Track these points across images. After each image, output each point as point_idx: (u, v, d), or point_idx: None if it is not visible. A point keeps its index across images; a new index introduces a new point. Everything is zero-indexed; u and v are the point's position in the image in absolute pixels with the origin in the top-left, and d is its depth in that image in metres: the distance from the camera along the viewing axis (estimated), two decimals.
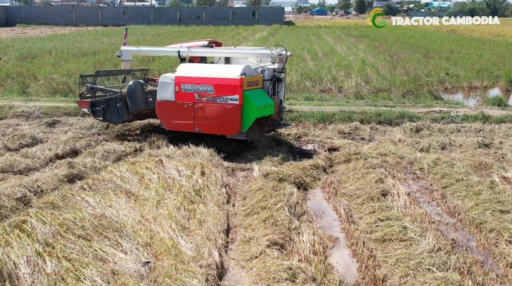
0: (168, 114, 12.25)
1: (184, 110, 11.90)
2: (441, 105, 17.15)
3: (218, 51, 13.42)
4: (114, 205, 8.57)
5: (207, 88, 11.61)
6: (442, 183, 10.11)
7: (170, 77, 12.13)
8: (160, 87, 12.24)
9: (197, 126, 11.94)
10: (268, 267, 6.62)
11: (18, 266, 6.43)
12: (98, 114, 13.15)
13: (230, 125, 11.67)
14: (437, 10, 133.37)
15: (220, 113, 11.59)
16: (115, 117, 13.01)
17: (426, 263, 6.75)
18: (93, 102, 13.07)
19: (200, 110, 11.76)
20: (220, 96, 11.51)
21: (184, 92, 11.85)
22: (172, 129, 12.46)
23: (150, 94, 12.94)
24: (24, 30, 63.35)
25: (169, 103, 12.08)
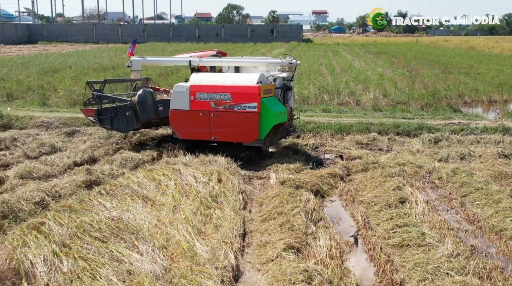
0: (182, 123, 12.26)
1: (199, 119, 11.92)
2: (460, 117, 17.00)
3: (229, 60, 13.54)
4: (131, 209, 8.60)
5: (223, 96, 11.64)
6: (461, 191, 9.99)
7: (184, 87, 12.12)
8: (174, 96, 12.23)
9: (213, 135, 11.99)
10: (284, 270, 6.56)
11: (35, 265, 6.46)
12: (105, 123, 13.10)
13: (248, 132, 11.72)
14: (456, 28, 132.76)
15: (238, 121, 11.64)
16: (123, 125, 12.97)
17: (445, 268, 6.64)
18: (100, 110, 13.03)
19: (217, 119, 11.79)
20: (237, 104, 11.56)
21: (200, 101, 11.86)
22: (186, 138, 12.48)
23: (160, 103, 12.87)
24: (45, 47, 64.39)
25: (184, 112, 12.08)
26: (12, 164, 11.63)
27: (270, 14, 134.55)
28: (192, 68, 13.10)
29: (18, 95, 21.09)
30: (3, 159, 11.90)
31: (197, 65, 13.17)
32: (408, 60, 40.01)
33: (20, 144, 13.43)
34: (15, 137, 14.02)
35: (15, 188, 9.67)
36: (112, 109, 12.94)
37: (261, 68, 12.62)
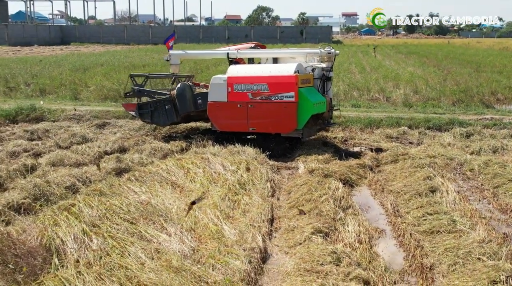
0: (220, 115, 12.25)
1: (237, 110, 11.89)
2: (493, 113, 16.69)
3: (267, 52, 13.51)
4: (160, 194, 8.66)
5: (261, 87, 11.58)
6: (494, 182, 9.79)
7: (222, 78, 12.09)
8: (212, 88, 12.23)
9: (251, 126, 11.94)
10: (312, 252, 6.53)
11: (65, 243, 6.54)
12: (145, 117, 13.25)
13: (286, 123, 11.64)
14: (489, 31, 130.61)
15: (275, 112, 11.57)
16: (163, 119, 13.07)
17: (476, 253, 6.51)
18: (140, 104, 13.20)
19: (254, 110, 11.74)
20: (275, 94, 11.49)
21: (237, 92, 11.82)
22: (225, 130, 12.42)
23: (199, 96, 12.86)
24: (78, 48, 65.46)
25: (221, 104, 12.06)
26: (44, 152, 11.83)
27: (300, 16, 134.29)
28: (230, 60, 13.03)
29: (51, 91, 21.49)
30: (35, 148, 12.12)
31: (235, 58, 13.10)
32: (440, 60, 39.48)
33: (52, 135, 13.67)
34: (48, 129, 14.27)
35: (46, 174, 9.82)
36: (152, 103, 13.07)
37: (299, 59, 12.49)
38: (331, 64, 12.26)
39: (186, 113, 13.03)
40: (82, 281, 5.55)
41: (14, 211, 7.82)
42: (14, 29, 76.17)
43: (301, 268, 6.13)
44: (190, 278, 5.76)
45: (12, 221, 7.44)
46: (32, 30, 78.60)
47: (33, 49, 59.36)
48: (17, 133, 13.79)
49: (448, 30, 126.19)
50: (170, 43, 14.60)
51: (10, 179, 9.59)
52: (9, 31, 72.91)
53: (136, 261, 6.09)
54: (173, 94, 12.86)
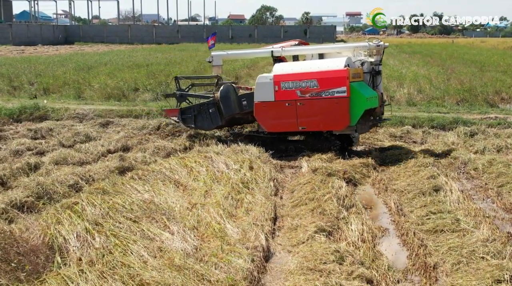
0: (267, 116, 11.76)
1: (285, 109, 11.47)
2: (497, 112, 16.62)
3: (313, 48, 13.15)
4: (163, 193, 8.66)
5: (310, 83, 11.17)
6: (498, 181, 9.75)
7: (268, 77, 11.65)
8: (258, 88, 11.76)
9: (300, 125, 11.52)
10: (315, 250, 6.52)
11: (68, 241, 6.55)
12: (189, 122, 12.82)
13: (338, 119, 11.25)
14: (493, 30, 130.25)
15: (327, 108, 11.17)
16: (207, 123, 12.64)
17: (480, 252, 6.48)
18: (183, 109, 12.78)
19: (304, 107, 11.32)
20: (325, 90, 11.08)
21: (285, 91, 11.40)
22: (273, 130, 12.03)
23: (244, 98, 12.28)
24: (82, 47, 65.53)
25: (268, 104, 11.61)
26: (47, 151, 11.83)
27: (304, 15, 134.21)
28: (274, 59, 12.56)
29: (55, 90, 21.50)
30: (39, 147, 12.13)
31: (279, 56, 12.58)
32: (444, 59, 39.37)
33: (56, 134, 13.68)
34: (51, 127, 14.28)
35: (50, 172, 9.82)
36: (195, 107, 12.70)
37: (346, 53, 12.11)
38: (380, 58, 11.77)
39: (231, 116, 12.54)
40: (85, 279, 5.54)
41: (17, 209, 7.83)
42: (18, 29, 76.27)
43: (304, 267, 6.11)
44: (192, 276, 5.76)
45: (15, 219, 7.44)
46: (36, 30, 78.72)
47: (37, 49, 59.45)
48: (21, 132, 13.80)
49: (452, 30, 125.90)
50: (211, 42, 14.02)
51: (13, 178, 9.60)
52: (13, 31, 73.01)
53: (138, 259, 6.09)
54: (216, 97, 12.42)
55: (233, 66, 30.66)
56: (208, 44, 14.02)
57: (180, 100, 13.11)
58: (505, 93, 21.11)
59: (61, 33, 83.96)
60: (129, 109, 16.32)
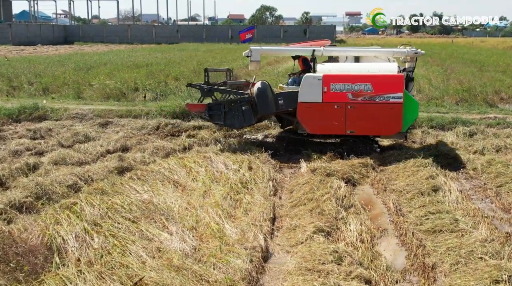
0: (312, 117, 11.39)
1: (333, 111, 11.18)
2: (496, 112, 16.62)
3: (355, 49, 13.02)
4: (162, 193, 8.67)
5: (363, 87, 10.99)
6: (497, 182, 9.77)
7: (316, 77, 11.21)
8: (304, 88, 11.33)
9: (349, 128, 11.33)
10: (314, 251, 6.53)
11: (67, 241, 6.56)
12: (217, 119, 12.09)
13: (391, 125, 11.24)
14: (493, 30, 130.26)
15: (379, 113, 11.07)
16: (238, 121, 11.96)
17: (479, 252, 6.51)
18: (211, 105, 12.02)
19: (354, 111, 11.11)
20: (380, 95, 10.98)
21: (334, 93, 11.09)
22: (317, 132, 11.82)
23: (281, 96, 11.81)
24: (81, 47, 65.51)
25: (315, 105, 11.24)
26: (46, 151, 11.81)
27: (303, 15, 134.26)
28: (311, 58, 11.98)
29: (54, 90, 21.47)
30: (38, 147, 12.10)
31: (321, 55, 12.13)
32: (443, 59, 39.39)
33: (55, 134, 13.66)
34: (50, 128, 14.24)
35: (49, 173, 9.83)
36: (227, 103, 11.97)
37: (383, 58, 12.09)
38: (413, 65, 11.80)
39: (264, 115, 12.25)
40: (83, 280, 5.55)
41: (16, 210, 7.83)
42: (18, 29, 76.26)
43: (302, 267, 6.13)
44: (191, 277, 5.76)
45: (14, 220, 7.45)
46: (36, 30, 78.70)
47: (37, 49, 59.43)
48: (20, 132, 13.77)
49: (452, 30, 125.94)
50: (247, 36, 13.28)
51: (12, 178, 9.60)
52: (13, 31, 72.99)
53: (137, 259, 6.10)
54: (252, 94, 11.92)
55: (232, 66, 30.69)
56: (243, 37, 13.13)
57: (206, 94, 12.25)
58: (504, 93, 21.10)
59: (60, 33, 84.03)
60: (128, 109, 16.29)
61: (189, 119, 15.00)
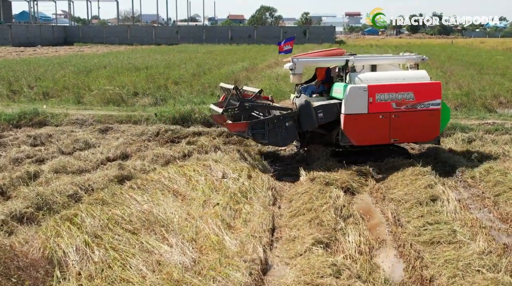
0: (359, 129, 11.21)
1: (378, 121, 11.15)
2: (495, 117, 16.70)
3: (383, 57, 13.19)
4: (161, 203, 8.71)
5: (406, 95, 11.17)
6: (495, 190, 9.81)
7: (361, 88, 11.05)
8: (349, 99, 11.07)
9: (393, 137, 11.43)
10: (313, 264, 6.57)
11: (67, 254, 6.60)
12: (260, 137, 11.28)
13: (430, 131, 11.58)
14: (493, 30, 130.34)
15: (420, 120, 11.33)
16: (282, 138, 11.31)
17: (476, 265, 6.55)
18: (254, 123, 11.15)
19: (398, 120, 11.22)
20: (420, 102, 11.26)
21: (379, 103, 11.09)
22: (363, 144, 11.60)
23: (320, 109, 11.37)
24: (81, 48, 65.59)
25: (361, 116, 11.12)
26: (47, 159, 11.86)
27: (303, 16, 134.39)
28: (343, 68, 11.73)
29: (54, 94, 21.53)
30: (38, 154, 12.15)
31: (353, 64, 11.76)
32: (443, 61, 39.41)
33: (55, 140, 13.72)
34: (50, 134, 14.30)
35: (49, 182, 9.88)
36: (269, 120, 11.25)
37: (395, 64, 12.39)
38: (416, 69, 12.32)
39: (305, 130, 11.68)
40: None
41: (17, 221, 7.86)
42: (17, 30, 76.29)
43: (301, 281, 6.17)
44: None
45: (14, 231, 7.49)
46: (35, 31, 78.74)
47: (37, 50, 59.49)
48: (20, 139, 13.82)
49: (451, 30, 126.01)
50: (286, 47, 12.56)
51: (13, 187, 9.64)
52: (12, 32, 73.04)
53: (137, 273, 6.15)
54: (295, 108, 11.43)
55: (232, 69, 30.77)
56: (282, 48, 12.41)
57: (247, 112, 11.48)
58: (503, 97, 21.15)
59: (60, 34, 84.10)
60: (128, 114, 16.37)
61: (188, 125, 15.07)
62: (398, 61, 12.52)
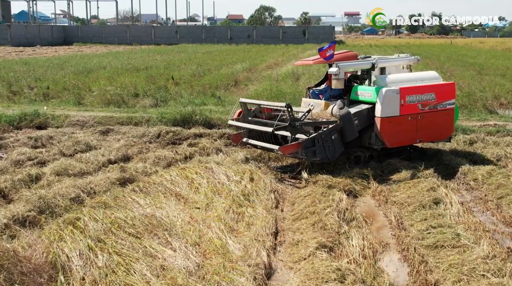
0: (392, 131, 11.34)
1: (407, 123, 11.42)
2: (496, 119, 16.69)
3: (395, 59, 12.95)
4: (164, 207, 8.68)
5: (429, 96, 11.54)
6: (497, 193, 9.80)
7: (394, 91, 11.13)
8: (384, 102, 11.10)
9: (418, 137, 11.81)
10: (317, 268, 6.54)
11: (71, 259, 6.56)
12: (312, 156, 10.76)
13: (447, 129, 12.17)
14: (492, 30, 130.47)
15: (440, 120, 11.78)
16: (330, 152, 10.88)
17: (481, 269, 6.53)
18: (306, 142, 10.65)
19: (422, 120, 11.56)
20: (440, 102, 11.70)
21: (409, 104, 11.33)
22: (395, 146, 11.73)
23: (355, 117, 11.20)
24: (80, 48, 65.58)
25: (394, 119, 11.26)
26: (48, 161, 11.84)
27: (302, 16, 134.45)
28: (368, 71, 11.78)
29: (54, 95, 21.50)
30: (39, 156, 12.12)
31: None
32: (442, 62, 39.43)
33: (56, 142, 13.68)
34: (51, 135, 14.26)
35: (51, 184, 9.85)
36: (319, 136, 10.76)
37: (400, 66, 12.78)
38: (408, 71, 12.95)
39: None
40: None
41: (20, 224, 7.82)
42: (17, 30, 76.21)
43: None
44: None
45: (17, 235, 7.46)
46: (35, 31, 78.65)
47: (36, 50, 59.43)
48: (21, 140, 13.78)
49: (450, 30, 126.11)
50: (328, 53, 11.88)
51: (15, 190, 9.61)
52: (12, 32, 72.98)
53: (141, 279, 6.12)
54: (338, 119, 11.02)
55: (232, 70, 30.74)
56: (325, 54, 11.83)
57: (296, 132, 10.91)
58: (504, 98, 21.14)
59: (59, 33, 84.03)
60: (129, 116, 16.33)
61: (189, 127, 15.04)
62: (406, 62, 12.79)
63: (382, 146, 11.50)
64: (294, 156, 10.97)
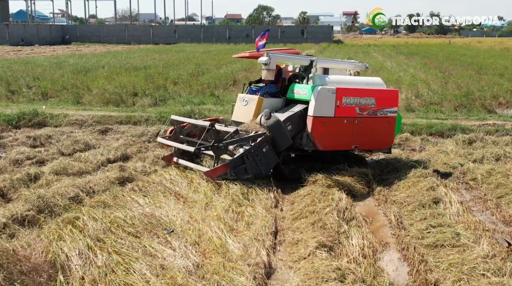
0: (325, 133, 10.61)
1: (343, 126, 10.69)
2: (495, 118, 16.72)
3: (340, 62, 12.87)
4: (163, 206, 8.67)
5: (368, 101, 10.80)
6: (497, 192, 9.81)
7: (330, 90, 10.50)
8: (318, 101, 10.44)
9: (354, 143, 10.99)
10: (317, 268, 6.53)
11: (70, 259, 6.54)
12: (243, 173, 10.07)
13: (386, 139, 11.37)
14: (490, 30, 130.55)
15: (379, 127, 11.06)
16: (263, 166, 10.28)
17: (481, 269, 6.52)
18: (233, 161, 10.00)
19: (359, 126, 10.82)
20: (380, 109, 10.96)
21: (345, 107, 10.62)
22: (328, 149, 10.95)
23: (288, 122, 10.58)
24: (79, 47, 65.46)
25: (328, 119, 10.55)
26: (47, 160, 11.82)
27: (301, 15, 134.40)
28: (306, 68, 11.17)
29: (53, 94, 21.47)
30: (38, 156, 12.09)
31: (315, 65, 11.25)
32: (441, 62, 39.47)
33: (55, 141, 13.66)
34: (50, 134, 14.24)
35: (50, 184, 9.82)
36: (248, 153, 10.11)
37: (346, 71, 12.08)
38: None
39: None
40: None
41: (19, 224, 7.79)
42: (15, 29, 76.07)
43: (306, 285, 6.14)
44: None
45: (16, 234, 7.44)
46: (33, 30, 78.52)
47: (34, 49, 59.33)
48: (20, 140, 13.75)
49: (449, 30, 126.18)
50: (260, 42, 11.54)
51: (13, 189, 9.56)
52: (10, 31, 72.84)
53: (141, 278, 6.10)
54: (267, 130, 10.43)
55: (231, 69, 30.72)
56: (257, 45, 11.50)
57: (221, 152, 10.23)
58: (503, 97, 21.18)
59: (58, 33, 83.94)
60: (128, 115, 16.32)
61: None
62: (351, 67, 12.12)
63: (313, 147, 10.66)
64: (224, 178, 9.99)
